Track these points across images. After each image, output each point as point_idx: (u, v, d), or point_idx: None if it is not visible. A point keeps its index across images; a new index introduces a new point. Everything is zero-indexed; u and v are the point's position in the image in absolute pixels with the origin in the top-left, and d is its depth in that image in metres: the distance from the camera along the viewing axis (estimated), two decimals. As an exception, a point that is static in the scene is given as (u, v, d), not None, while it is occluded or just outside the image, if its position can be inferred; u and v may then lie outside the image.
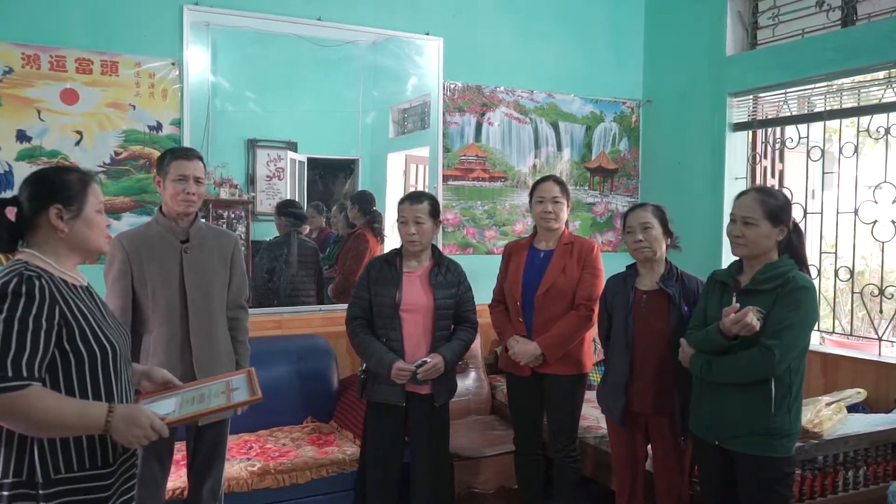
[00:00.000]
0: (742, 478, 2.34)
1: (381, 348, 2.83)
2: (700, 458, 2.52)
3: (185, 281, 2.54)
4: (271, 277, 4.04)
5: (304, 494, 3.11)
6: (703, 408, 2.42)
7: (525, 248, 3.13)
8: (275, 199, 4.19)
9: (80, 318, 1.67)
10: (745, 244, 2.33)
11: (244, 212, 4.06)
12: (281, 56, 4.04)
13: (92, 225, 1.75)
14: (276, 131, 4.18)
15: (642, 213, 2.76)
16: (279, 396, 3.54)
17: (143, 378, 1.97)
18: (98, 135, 3.45)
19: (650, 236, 2.71)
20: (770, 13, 4.16)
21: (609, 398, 2.82)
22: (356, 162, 4.47)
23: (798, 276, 2.29)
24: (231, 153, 4.00)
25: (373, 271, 2.94)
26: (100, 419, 1.60)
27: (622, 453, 2.83)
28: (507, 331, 3.09)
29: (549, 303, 2.99)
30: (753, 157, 4.30)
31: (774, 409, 2.26)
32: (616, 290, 2.84)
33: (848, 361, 3.60)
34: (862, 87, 3.71)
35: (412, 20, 4.18)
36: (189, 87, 3.63)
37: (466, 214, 4.40)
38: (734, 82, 4.24)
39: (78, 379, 1.66)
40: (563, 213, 3.06)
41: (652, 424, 2.74)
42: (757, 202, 2.32)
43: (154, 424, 1.65)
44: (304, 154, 4.29)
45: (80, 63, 3.40)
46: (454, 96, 4.32)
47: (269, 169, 4.22)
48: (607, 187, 4.83)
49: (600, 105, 4.76)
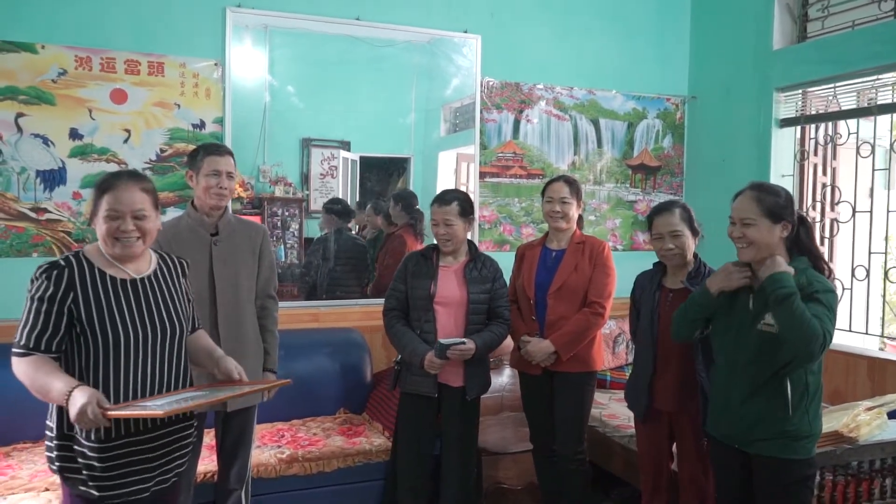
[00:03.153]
0: (760, 481, 2.28)
1: (415, 339, 2.89)
2: (716, 462, 2.46)
3: (214, 272, 2.64)
4: (308, 272, 4.13)
5: (331, 483, 3.17)
6: (719, 410, 2.37)
7: (537, 248, 3.16)
8: (328, 197, 4.29)
9: (93, 306, 1.87)
10: (747, 245, 2.24)
11: (298, 209, 4.17)
12: (331, 56, 4.12)
13: (102, 230, 1.91)
14: (329, 130, 4.27)
15: (670, 218, 2.69)
16: (313, 387, 3.62)
17: (215, 366, 2.11)
18: (145, 133, 3.62)
19: (680, 243, 2.67)
20: (819, 5, 4.02)
21: (633, 394, 2.81)
22: (408, 160, 4.52)
23: (816, 281, 2.19)
24: (286, 152, 4.10)
25: (410, 264, 3.01)
26: (61, 396, 1.76)
27: (646, 451, 2.80)
28: (519, 329, 3.10)
29: (562, 301, 3.00)
30: (802, 154, 4.16)
31: (792, 411, 2.19)
32: (643, 288, 2.82)
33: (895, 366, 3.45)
34: (916, 81, 3.56)
35: (450, 18, 4.21)
36: (231, 87, 3.75)
37: (503, 212, 4.40)
38: (781, 77, 4.12)
39: (86, 360, 1.88)
40: (572, 213, 3.07)
41: (676, 423, 2.71)
42: (752, 200, 2.23)
43: (89, 413, 1.71)
44: (356, 153, 4.37)
45: (129, 64, 3.56)
46: (492, 94, 4.33)
47: (323, 167, 4.31)
48: (650, 185, 4.75)
49: (643, 101, 4.69)
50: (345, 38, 4.03)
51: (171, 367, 1.99)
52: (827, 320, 2.11)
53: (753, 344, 2.23)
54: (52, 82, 3.43)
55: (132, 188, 1.94)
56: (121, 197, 1.91)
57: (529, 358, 3.00)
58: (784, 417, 2.19)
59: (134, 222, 1.92)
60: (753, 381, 2.24)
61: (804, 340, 2.07)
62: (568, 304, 2.99)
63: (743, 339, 2.26)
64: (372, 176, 4.46)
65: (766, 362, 2.21)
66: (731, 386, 2.30)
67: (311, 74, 4.10)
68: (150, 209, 1.96)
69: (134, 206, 1.92)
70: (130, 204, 1.91)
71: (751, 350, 2.24)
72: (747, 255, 2.27)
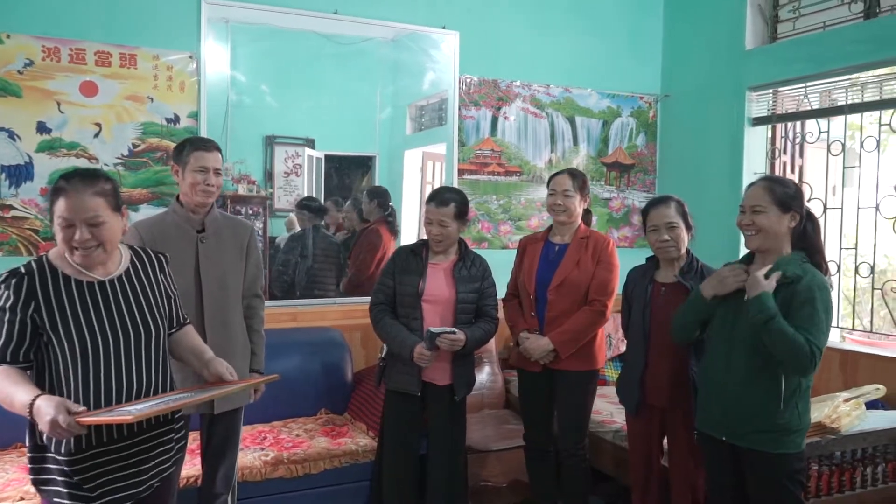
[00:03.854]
0: (752, 476, 2.30)
1: (404, 331, 2.85)
2: (708, 457, 2.47)
3: (201, 270, 2.56)
4: (286, 270, 4.06)
5: (318, 485, 3.12)
6: (711, 404, 2.38)
7: (540, 242, 3.11)
8: (292, 195, 4.21)
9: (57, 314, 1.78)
10: (756, 232, 2.27)
11: (262, 208, 4.09)
12: (299, 52, 4.05)
13: (60, 234, 1.79)
14: (294, 128, 4.20)
15: (666, 210, 2.70)
16: (293, 388, 3.55)
17: (205, 367, 2.02)
18: (116, 127, 3.49)
19: (675, 235, 2.68)
20: (791, 6, 4.11)
21: (625, 389, 2.81)
22: (373, 159, 4.48)
23: (814, 276, 2.23)
24: (249, 149, 4.01)
25: (398, 260, 2.97)
26: (24, 407, 1.67)
27: (637, 446, 2.81)
28: (518, 325, 3.07)
29: (562, 297, 2.96)
30: (773, 153, 4.25)
31: (783, 405, 2.22)
32: (635, 283, 2.83)
33: (867, 359, 3.54)
34: (885, 81, 3.66)
35: (428, 14, 4.18)
36: (207, 81, 3.66)
37: (481, 209, 4.39)
38: (754, 76, 4.20)
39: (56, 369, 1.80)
40: (575, 207, 3.02)
41: (668, 418, 2.72)
42: (765, 190, 2.27)
43: (60, 422, 1.61)
44: (321, 151, 4.30)
45: (100, 56, 3.44)
46: (470, 90, 4.31)
47: (287, 165, 4.24)
48: (623, 182, 4.80)
49: (617, 100, 4.73)
50: (311, 34, 3.96)
51: (149, 371, 1.89)
52: (815, 328, 2.15)
53: (750, 335, 2.24)
54: (19, 73, 3.29)
55: (83, 193, 1.76)
56: (71, 204, 1.76)
57: (528, 355, 2.97)
58: (776, 411, 2.22)
59: (89, 230, 1.77)
60: (749, 373, 2.26)
61: (791, 357, 2.14)
62: (569, 300, 2.95)
63: (739, 331, 2.28)
64: (337, 174, 4.40)
65: (760, 352, 2.23)
66: (726, 376, 2.31)
67: (277, 71, 4.02)
68: (106, 214, 1.80)
69: (86, 213, 1.76)
70: (82, 212, 1.76)
71: (747, 341, 2.26)
72: (755, 242, 2.29)
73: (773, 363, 2.23)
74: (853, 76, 3.77)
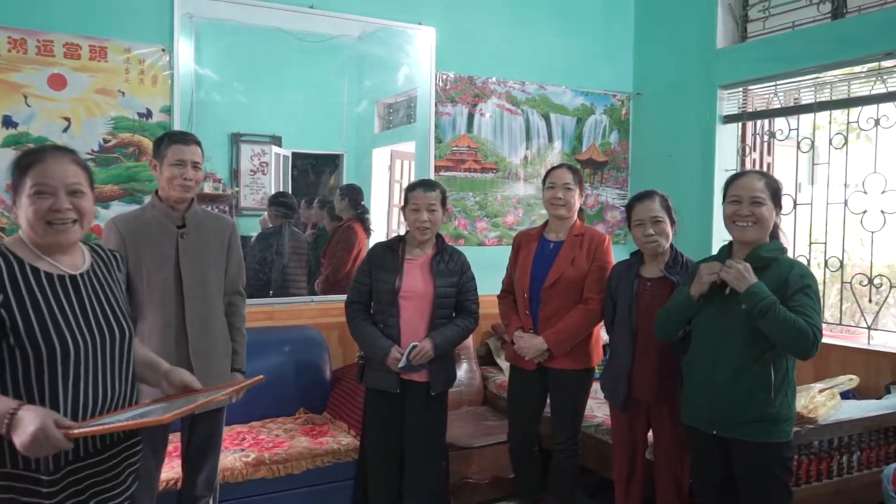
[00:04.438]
0: (742, 466, 2.32)
1: (376, 334, 2.81)
2: (695, 451, 2.49)
3: (181, 266, 2.49)
4: (262, 268, 4.00)
5: (300, 485, 3.07)
6: (699, 397, 2.38)
7: (535, 239, 3.07)
8: (259, 193, 4.15)
9: (29, 310, 1.55)
10: (753, 223, 2.29)
11: (228, 206, 4.02)
12: (266, 49, 3.99)
13: (28, 211, 1.58)
14: (260, 125, 4.14)
15: (651, 205, 2.70)
16: (271, 388, 3.46)
17: (163, 379, 1.81)
18: (86, 121, 3.39)
19: (660, 230, 2.68)
20: (761, 6, 4.19)
21: (612, 384, 2.80)
22: (341, 157, 4.44)
23: (800, 265, 2.29)
24: (215, 147, 3.93)
25: (374, 257, 2.93)
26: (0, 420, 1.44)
27: (622, 440, 2.82)
28: (512, 323, 3.05)
29: (557, 295, 2.94)
30: (743, 150, 4.33)
31: (774, 394, 2.25)
32: (620, 278, 2.81)
33: (838, 350, 3.63)
34: (852, 80, 3.75)
35: (405, 9, 4.15)
36: (180, 75, 3.57)
37: (458, 205, 4.38)
38: (724, 75, 4.27)
39: (23, 376, 1.55)
40: (575, 202, 2.99)
41: (654, 412, 2.73)
42: (762, 182, 2.32)
43: (50, 437, 1.43)
44: (288, 149, 4.25)
45: (68, 48, 3.33)
46: (446, 87, 4.30)
47: (253, 163, 4.18)
48: (597, 179, 4.84)
49: (591, 97, 4.77)
50: (278, 30, 3.91)
51: (121, 377, 1.70)
52: (814, 313, 2.19)
53: (739, 326, 2.27)
54: (-17, 65, 3.18)
55: (63, 160, 1.61)
56: (50, 170, 1.58)
57: (521, 354, 2.95)
58: (766, 400, 2.25)
59: (70, 199, 1.59)
60: (740, 365, 2.28)
61: (795, 342, 2.17)
62: (563, 298, 2.92)
63: (728, 322, 2.30)
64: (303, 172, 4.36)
65: (752, 343, 2.26)
66: (715, 369, 2.32)
67: (243, 68, 3.96)
68: (86, 186, 1.64)
69: (67, 179, 1.59)
70: (63, 177, 1.59)
71: (737, 332, 2.28)
72: (752, 233, 2.31)
73: (764, 354, 2.26)
74: (821, 75, 3.87)
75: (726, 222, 2.40)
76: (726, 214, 2.37)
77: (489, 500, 3.51)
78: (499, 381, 4.07)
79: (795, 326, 2.15)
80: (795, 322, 2.15)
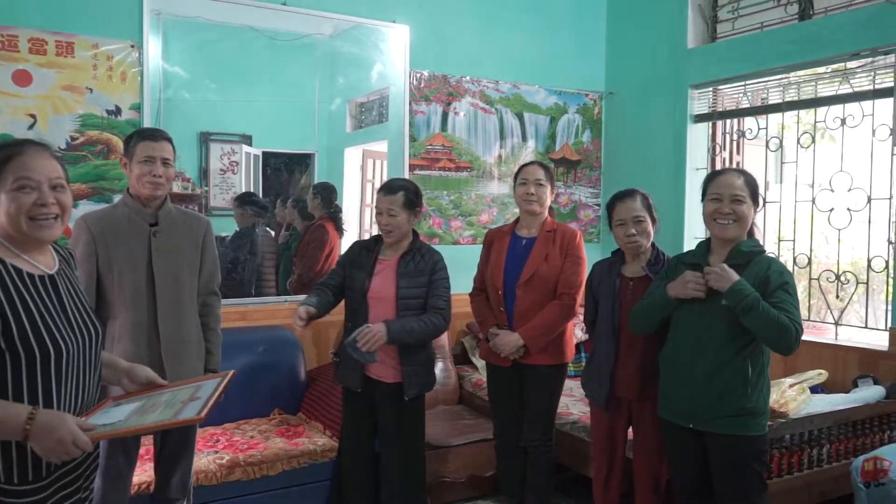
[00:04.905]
0: (718, 460, 2.35)
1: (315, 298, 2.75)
2: (672, 445, 2.51)
3: (154, 265, 2.44)
4: (235, 268, 3.95)
5: (276, 486, 3.03)
6: (677, 391, 2.41)
7: (507, 236, 3.08)
8: (229, 193, 4.11)
9: (21, 311, 1.51)
10: (735, 221, 2.30)
11: (197, 206, 3.97)
12: (235, 48, 3.96)
13: (11, 205, 1.53)
14: (230, 124, 4.10)
15: (633, 204, 2.68)
16: (245, 389, 3.45)
17: (124, 376, 1.79)
18: (53, 119, 3.31)
19: (642, 229, 2.67)
20: (730, 7, 4.25)
21: (594, 383, 2.78)
22: (312, 156, 4.41)
23: (778, 262, 2.33)
24: (184, 146, 3.85)
25: (351, 254, 2.92)
26: (17, 426, 1.42)
27: (602, 438, 2.82)
28: (487, 320, 3.05)
29: (531, 292, 2.94)
30: (713, 148, 4.39)
31: (750, 389, 2.28)
32: (602, 277, 2.79)
33: (806, 345, 3.67)
34: (819, 80, 3.83)
35: (378, 7, 4.13)
36: (149, 72, 3.51)
37: (432, 204, 4.37)
38: (695, 74, 4.32)
39: (13, 380, 1.50)
40: (546, 198, 3.02)
41: (635, 409, 2.72)
42: (741, 180, 2.34)
43: (77, 440, 1.44)
44: (259, 148, 4.21)
45: (34, 43, 3.25)
46: (420, 85, 4.29)
47: (223, 163, 4.14)
48: (570, 178, 4.87)
49: (564, 96, 4.79)
50: (248, 29, 3.87)
51: (95, 377, 1.67)
52: (794, 309, 2.23)
53: (718, 321, 2.29)
54: (-56, 60, 3.09)
55: (43, 154, 1.57)
56: (33, 164, 1.54)
57: (498, 351, 2.95)
58: (744, 395, 2.28)
59: (53, 194, 1.56)
60: (719, 359, 2.31)
61: (778, 338, 2.21)
62: (537, 295, 2.93)
63: (707, 318, 2.32)
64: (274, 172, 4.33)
65: (732, 338, 2.29)
66: (695, 364, 2.34)
67: (212, 66, 3.94)
68: (65, 181, 1.62)
69: (50, 173, 1.56)
70: (46, 171, 1.55)
71: (716, 328, 2.30)
72: (733, 231, 2.33)
73: (743, 349, 2.28)
74: (789, 75, 3.93)
75: (706, 220, 2.41)
76: (707, 212, 2.37)
77: (466, 498, 3.51)
78: (475, 379, 4.08)
79: (778, 322, 2.18)
80: (778, 318, 2.18)
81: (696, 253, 2.47)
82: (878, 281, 3.77)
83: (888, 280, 3.50)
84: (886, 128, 3.44)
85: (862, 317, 3.79)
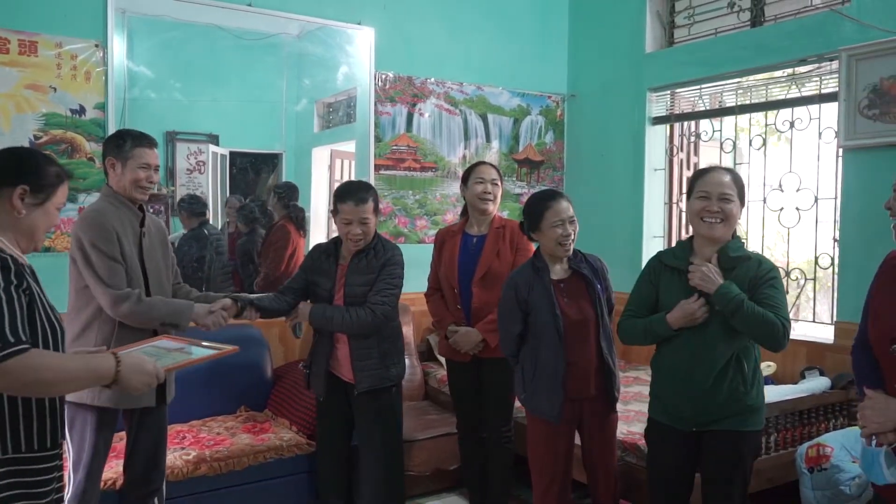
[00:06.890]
0: (714, 457, 2.33)
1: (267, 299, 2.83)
2: (661, 445, 2.44)
3: (146, 264, 2.53)
4: (193, 268, 3.95)
5: (243, 481, 3.08)
6: (678, 397, 2.34)
7: (458, 235, 3.15)
8: (196, 193, 4.11)
9: (36, 295, 1.65)
10: (723, 220, 2.26)
11: (163, 206, 3.97)
12: (204, 46, 3.96)
13: (48, 219, 1.77)
14: (196, 124, 4.11)
15: (567, 204, 2.62)
16: (211, 386, 3.49)
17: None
18: (16, 117, 3.31)
19: (575, 228, 2.62)
20: (686, 13, 4.39)
21: (542, 397, 2.59)
22: (280, 156, 4.44)
23: (767, 261, 2.33)
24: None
25: (313, 260, 2.91)
26: (109, 370, 1.64)
27: (547, 458, 2.63)
28: (445, 319, 3.12)
29: (486, 288, 3.02)
30: (671, 150, 4.53)
31: (749, 386, 2.30)
32: (531, 285, 2.62)
33: (758, 339, 3.84)
34: (770, 84, 3.98)
35: (344, 9, 4.18)
36: (114, 72, 3.52)
37: (398, 204, 4.44)
38: (653, 78, 4.46)
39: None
40: (499, 197, 3.12)
41: (588, 405, 2.62)
42: (729, 177, 2.30)
43: (158, 373, 1.73)
44: (226, 147, 4.22)
45: (-4, 42, 3.25)
46: (385, 86, 4.35)
47: (190, 162, 4.14)
48: (534, 178, 4.97)
49: (527, 98, 4.89)
50: (215, 28, 3.89)
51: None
52: (782, 306, 2.24)
53: (717, 326, 2.26)
54: None
55: None
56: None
57: (458, 347, 3.02)
58: (746, 392, 2.29)
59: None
60: (720, 364, 2.27)
61: (767, 336, 2.21)
62: (492, 290, 2.96)
63: (703, 324, 2.27)
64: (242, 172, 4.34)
65: (731, 341, 2.27)
66: (696, 370, 2.29)
67: (178, 65, 3.94)
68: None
69: None
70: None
71: (715, 333, 2.27)
72: (720, 230, 2.28)
73: (741, 350, 2.28)
74: (742, 79, 4.08)
75: (692, 218, 2.36)
76: (694, 210, 2.31)
77: (431, 491, 3.59)
78: (439, 375, 4.15)
79: (765, 320, 2.17)
80: (765, 316, 2.18)
81: (678, 253, 2.42)
82: (826, 277, 3.93)
83: (834, 276, 3.66)
84: (832, 130, 3.60)
85: (812, 312, 3.95)
